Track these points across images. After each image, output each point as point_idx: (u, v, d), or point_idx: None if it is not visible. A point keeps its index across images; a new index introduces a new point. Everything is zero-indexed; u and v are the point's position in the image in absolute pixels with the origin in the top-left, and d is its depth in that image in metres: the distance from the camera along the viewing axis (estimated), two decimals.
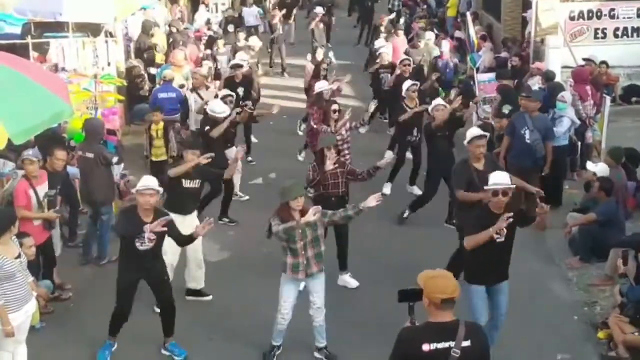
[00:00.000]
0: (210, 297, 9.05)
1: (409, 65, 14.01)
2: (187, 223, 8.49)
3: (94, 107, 12.42)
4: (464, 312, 7.05)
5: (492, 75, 14.63)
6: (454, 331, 4.59)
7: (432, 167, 10.93)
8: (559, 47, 15.11)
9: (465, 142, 8.72)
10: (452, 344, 4.55)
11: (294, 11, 24.00)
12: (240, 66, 13.97)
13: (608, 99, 12.44)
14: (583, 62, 13.65)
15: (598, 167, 10.20)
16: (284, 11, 21.90)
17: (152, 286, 7.70)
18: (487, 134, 8.85)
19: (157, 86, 14.30)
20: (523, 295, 8.83)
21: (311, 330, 7.65)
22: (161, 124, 11.98)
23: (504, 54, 17.00)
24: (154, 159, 11.98)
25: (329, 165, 8.88)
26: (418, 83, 12.62)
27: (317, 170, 8.96)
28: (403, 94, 12.15)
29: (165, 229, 7.34)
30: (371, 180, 9.34)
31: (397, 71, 14.25)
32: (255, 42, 17.04)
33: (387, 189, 12.20)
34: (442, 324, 4.61)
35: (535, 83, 13.18)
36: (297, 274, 7.36)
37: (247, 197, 12.13)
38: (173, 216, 8.31)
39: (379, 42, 17.02)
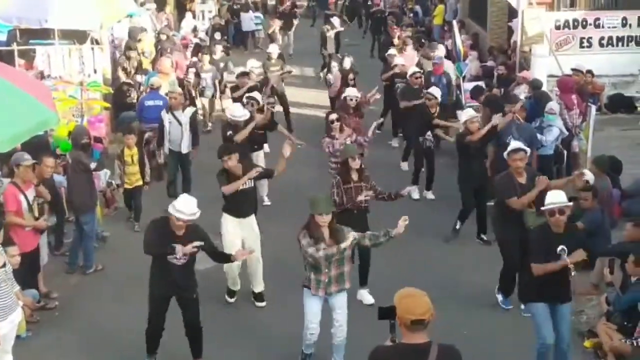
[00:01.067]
0: (263, 304, 9.05)
1: (420, 77, 13.70)
2: (244, 226, 8.75)
3: (80, 115, 12.37)
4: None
5: (479, 83, 14.70)
6: (425, 353, 4.45)
7: (463, 178, 10.85)
8: (545, 56, 15.19)
9: (504, 154, 8.81)
10: None
11: (295, 22, 23.83)
12: (247, 74, 14.11)
13: (593, 107, 12.49)
14: (571, 72, 13.71)
15: (589, 176, 10.23)
16: (281, 22, 21.70)
17: (180, 304, 7.54)
18: (526, 148, 8.86)
19: (144, 94, 14.25)
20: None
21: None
22: (135, 150, 11.35)
23: (490, 63, 17.08)
24: (128, 186, 11.32)
25: (354, 177, 8.72)
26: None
27: (340, 185, 8.72)
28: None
29: (196, 250, 7.23)
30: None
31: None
32: (253, 64, 16.72)
33: (415, 193, 12.25)
34: (413, 345, 4.48)
35: (522, 92, 13.24)
36: (317, 291, 7.28)
37: (269, 203, 12.14)
38: (229, 219, 8.75)
39: (391, 51, 16.62)
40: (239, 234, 8.83)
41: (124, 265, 9.85)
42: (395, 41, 18.96)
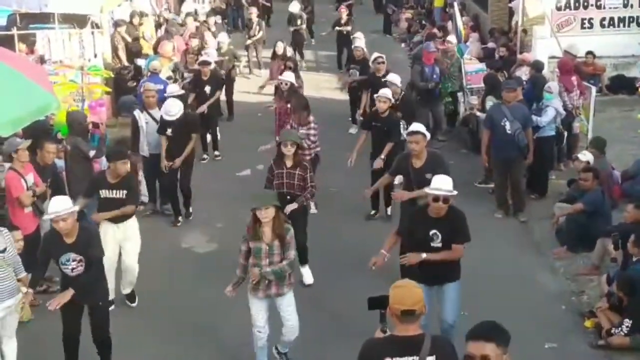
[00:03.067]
0: (134, 304, 8.70)
1: (383, 63, 13.40)
2: (120, 231, 8.43)
3: (81, 99, 12.35)
4: None
5: (480, 65, 14.64)
6: (418, 345, 4.39)
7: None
8: (546, 37, 15.16)
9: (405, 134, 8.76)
10: (415, 358, 4.37)
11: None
12: (208, 63, 13.64)
13: (594, 89, 12.48)
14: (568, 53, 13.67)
15: (588, 157, 10.27)
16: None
17: (89, 314, 7.16)
18: (421, 130, 8.56)
19: (145, 78, 14.23)
20: (510, 285, 8.91)
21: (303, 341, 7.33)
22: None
23: (491, 45, 17.03)
24: None
25: (287, 164, 8.59)
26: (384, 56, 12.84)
27: (272, 168, 8.70)
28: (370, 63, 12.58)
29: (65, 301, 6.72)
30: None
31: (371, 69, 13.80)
32: (223, 38, 16.56)
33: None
34: (405, 337, 4.42)
35: (523, 74, 13.21)
36: (257, 291, 6.96)
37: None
38: (107, 225, 8.36)
39: (357, 34, 16.55)
40: (114, 240, 8.42)
41: None
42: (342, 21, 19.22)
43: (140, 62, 15.75)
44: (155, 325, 8.21)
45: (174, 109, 10.56)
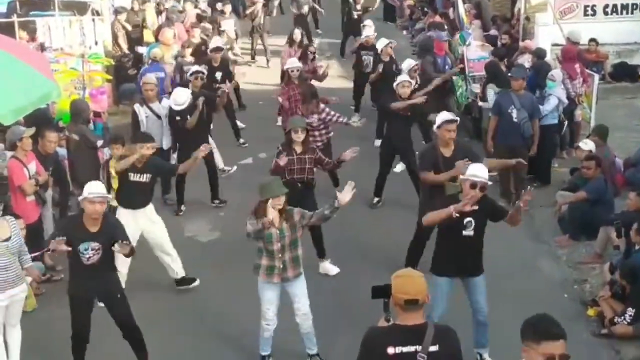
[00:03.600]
0: (197, 282, 8.78)
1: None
2: (139, 217, 8.41)
3: (82, 87, 12.32)
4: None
5: (483, 53, 14.57)
6: (421, 334, 4.38)
7: (383, 141, 11.03)
8: (549, 24, 15.09)
9: (434, 126, 8.57)
10: (418, 348, 4.35)
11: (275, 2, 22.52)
12: (221, 49, 13.66)
13: (596, 76, 12.44)
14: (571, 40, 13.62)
15: (590, 145, 10.24)
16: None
17: (109, 307, 7.04)
18: (457, 118, 8.56)
19: (146, 66, 14.18)
20: (513, 273, 8.91)
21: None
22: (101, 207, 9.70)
23: (493, 32, 16.96)
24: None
25: (296, 150, 8.59)
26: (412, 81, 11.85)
27: (281, 154, 8.62)
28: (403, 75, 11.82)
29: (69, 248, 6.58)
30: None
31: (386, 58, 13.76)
32: (228, 26, 16.49)
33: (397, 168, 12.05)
34: (408, 326, 4.42)
35: (525, 61, 13.15)
36: (272, 277, 6.92)
37: (234, 168, 12.12)
38: (123, 212, 8.34)
39: (367, 21, 16.53)
40: (134, 227, 8.32)
41: None
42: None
43: (141, 49, 15.69)
44: (157, 313, 8.21)
45: (181, 98, 10.50)
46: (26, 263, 7.10)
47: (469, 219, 6.73)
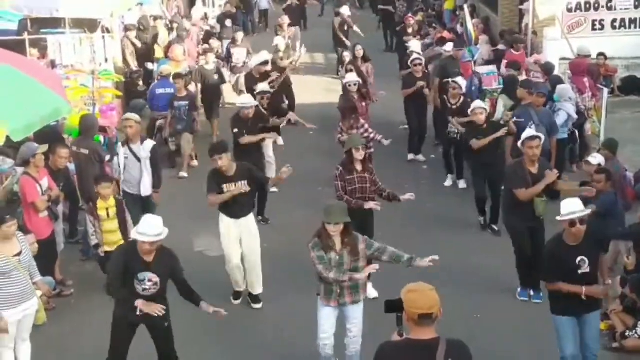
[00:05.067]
0: (259, 306, 8.72)
1: (420, 64, 13.41)
2: (240, 226, 8.47)
3: (92, 104, 12.40)
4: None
5: (491, 67, 14.58)
6: (434, 349, 4.36)
7: (474, 169, 10.96)
8: (557, 39, 15.11)
9: (519, 143, 8.66)
10: None
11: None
12: (267, 62, 13.77)
13: (605, 90, 12.43)
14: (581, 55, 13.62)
15: (599, 159, 10.19)
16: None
17: (153, 335, 6.89)
18: (542, 135, 8.70)
19: (155, 82, 14.27)
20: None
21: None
22: (112, 200, 8.72)
23: (501, 47, 16.98)
24: (107, 248, 8.54)
25: (358, 168, 8.48)
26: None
27: (343, 175, 8.47)
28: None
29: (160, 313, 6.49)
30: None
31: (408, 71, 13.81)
32: (280, 41, 16.39)
33: (448, 180, 12.32)
34: (421, 341, 4.40)
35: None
36: (330, 301, 6.88)
37: (276, 190, 11.81)
38: (225, 220, 8.43)
39: (412, 43, 16.34)
40: (236, 235, 8.51)
41: None
42: (409, 30, 18.80)
43: (151, 66, 15.80)
44: (180, 325, 8.20)
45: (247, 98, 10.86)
46: (35, 277, 7.14)
47: (580, 257, 6.61)
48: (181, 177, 12.88)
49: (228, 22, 20.66)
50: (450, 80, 12.36)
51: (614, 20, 16.09)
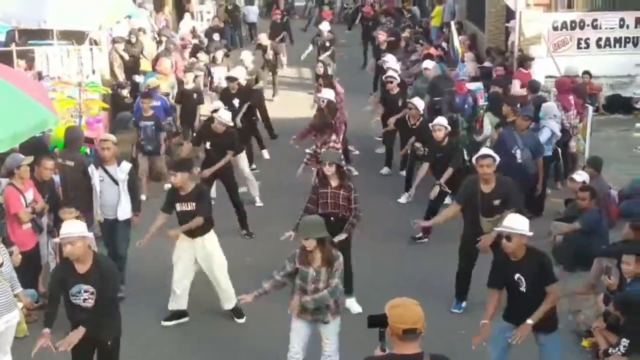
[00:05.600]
0: (242, 320, 8.73)
1: (391, 82, 13.52)
2: (197, 245, 8.44)
3: (79, 115, 12.36)
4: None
5: (478, 84, 14.68)
6: None
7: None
8: (543, 57, 15.23)
9: (473, 158, 8.64)
10: None
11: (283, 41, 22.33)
12: (235, 79, 13.84)
13: (590, 108, 12.54)
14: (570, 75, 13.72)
15: (584, 177, 10.27)
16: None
17: (98, 354, 6.74)
18: (491, 154, 8.63)
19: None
20: None
21: None
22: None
23: (487, 64, 17.11)
24: None
25: (333, 183, 8.50)
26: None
27: (317, 187, 8.62)
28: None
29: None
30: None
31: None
32: (246, 56, 16.61)
33: (403, 198, 12.34)
34: (405, 356, 4.42)
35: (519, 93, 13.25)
36: (306, 314, 6.95)
37: (261, 204, 12.20)
38: (184, 240, 8.40)
39: (387, 57, 16.45)
40: (189, 254, 8.50)
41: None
42: (383, 47, 18.69)
43: (138, 78, 15.78)
44: (173, 339, 8.22)
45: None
46: (16, 289, 7.10)
47: (518, 275, 6.64)
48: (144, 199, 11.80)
49: (216, 36, 20.70)
50: (409, 101, 12.50)
51: (599, 39, 16.25)
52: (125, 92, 14.79)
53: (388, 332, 4.49)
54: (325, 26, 20.72)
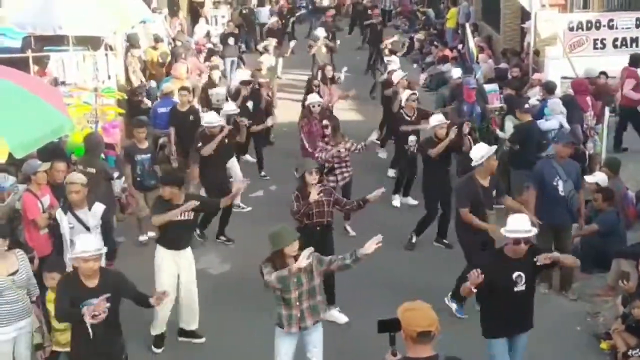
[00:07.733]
0: (202, 340, 8.38)
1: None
2: (181, 258, 8.23)
3: (95, 121, 12.40)
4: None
5: (494, 85, 14.60)
6: None
7: (426, 186, 10.77)
8: (558, 58, 15.16)
9: (480, 159, 8.41)
10: None
11: (291, 44, 21.24)
12: (249, 82, 13.85)
13: (607, 109, 12.45)
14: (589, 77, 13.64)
15: (597, 178, 10.17)
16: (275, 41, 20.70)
17: None
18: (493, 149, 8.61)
19: (157, 100, 14.29)
20: None
21: None
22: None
23: (503, 65, 17.05)
24: (56, 348, 7.05)
25: (313, 194, 8.29)
26: (417, 93, 12.53)
27: (300, 199, 8.38)
28: (402, 103, 12.14)
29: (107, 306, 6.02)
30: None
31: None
32: (266, 59, 16.43)
33: (396, 201, 12.24)
34: (420, 359, 4.42)
35: (535, 94, 13.19)
36: (291, 327, 6.70)
37: (249, 209, 12.13)
38: (163, 252, 8.14)
39: (391, 58, 16.34)
40: (173, 269, 8.17)
41: (136, 268, 9.69)
42: (386, 51, 18.37)
43: (153, 84, 15.84)
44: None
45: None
46: (34, 296, 7.09)
47: (518, 273, 6.47)
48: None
49: (231, 41, 20.72)
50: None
51: (615, 39, 16.13)
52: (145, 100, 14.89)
53: (401, 335, 4.47)
54: (320, 32, 20.18)
